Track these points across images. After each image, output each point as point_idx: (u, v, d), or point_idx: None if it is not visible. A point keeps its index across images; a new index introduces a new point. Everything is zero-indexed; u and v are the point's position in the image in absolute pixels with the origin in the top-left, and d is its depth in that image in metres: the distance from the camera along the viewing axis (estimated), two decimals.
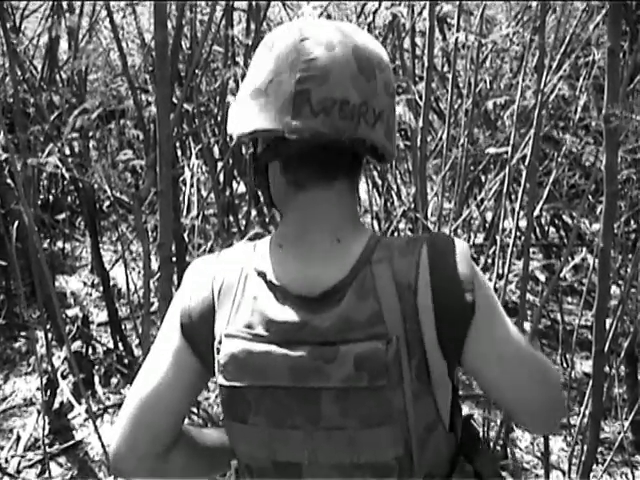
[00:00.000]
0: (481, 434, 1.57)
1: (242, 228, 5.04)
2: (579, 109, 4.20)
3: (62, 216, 6.95)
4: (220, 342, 1.31)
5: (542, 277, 5.92)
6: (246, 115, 1.31)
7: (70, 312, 5.53)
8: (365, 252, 1.31)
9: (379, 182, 5.64)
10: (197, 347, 1.36)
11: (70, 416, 4.51)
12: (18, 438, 4.33)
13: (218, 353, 1.31)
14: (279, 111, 1.26)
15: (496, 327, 1.33)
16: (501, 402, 1.40)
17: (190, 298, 1.38)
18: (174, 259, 4.02)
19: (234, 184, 5.49)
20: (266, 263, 1.34)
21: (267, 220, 5.40)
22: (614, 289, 4.46)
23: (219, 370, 1.31)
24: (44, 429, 3.92)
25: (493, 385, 1.36)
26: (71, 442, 4.26)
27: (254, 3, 4.62)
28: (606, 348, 2.87)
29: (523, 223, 3.61)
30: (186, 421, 1.47)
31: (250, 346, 1.28)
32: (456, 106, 4.61)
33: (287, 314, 1.29)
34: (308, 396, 1.27)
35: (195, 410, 4.15)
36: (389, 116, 1.32)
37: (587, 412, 3.01)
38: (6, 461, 4.12)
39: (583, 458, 3.03)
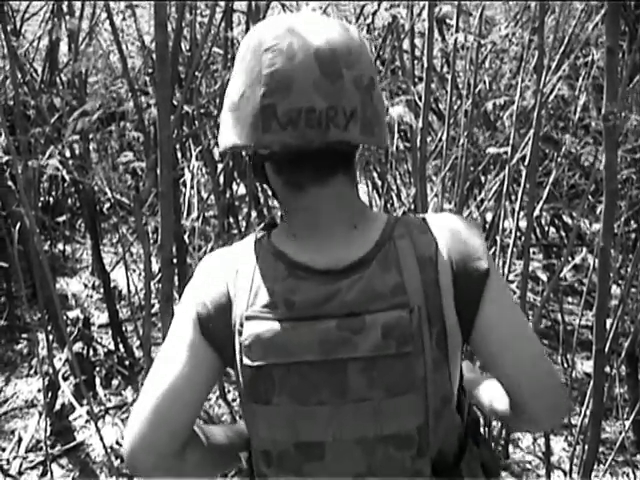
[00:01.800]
0: (481, 423, 1.60)
1: (242, 229, 5.05)
2: (578, 109, 4.21)
3: (63, 218, 6.97)
4: (241, 325, 1.32)
5: (543, 277, 5.93)
6: (225, 129, 1.35)
7: (71, 314, 5.52)
8: (387, 228, 1.37)
9: (379, 183, 5.65)
10: (214, 339, 1.37)
11: (71, 418, 4.52)
12: (20, 440, 4.34)
13: (240, 335, 1.32)
14: (250, 126, 1.29)
15: (505, 295, 1.40)
16: (505, 377, 1.40)
17: (205, 291, 1.39)
18: (175, 261, 4.03)
19: (234, 186, 5.49)
20: (284, 246, 1.37)
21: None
22: (614, 289, 4.47)
23: (243, 352, 1.32)
24: (45, 431, 3.92)
25: (499, 357, 1.38)
26: (72, 443, 4.26)
27: (253, 5, 4.62)
28: (607, 348, 2.88)
29: (523, 223, 3.61)
30: None
31: (274, 325, 1.30)
32: (455, 107, 4.61)
33: (310, 290, 1.31)
34: (335, 369, 1.29)
35: None
36: (365, 110, 1.30)
37: (588, 412, 3.02)
38: (8, 462, 4.12)
39: (584, 458, 3.03)
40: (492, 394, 1.56)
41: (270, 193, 1.47)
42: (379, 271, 1.31)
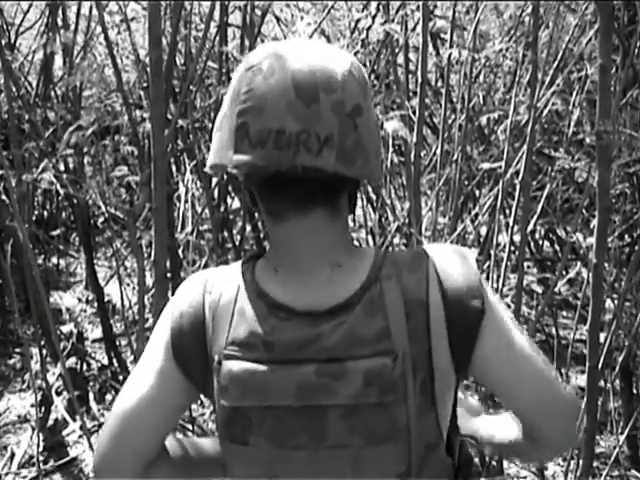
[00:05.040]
0: (475, 459, 1.58)
1: (236, 244, 5.05)
2: (572, 124, 4.22)
3: (57, 232, 6.96)
4: (219, 363, 1.30)
5: (539, 289, 5.93)
6: (211, 149, 1.33)
7: (64, 328, 5.51)
8: (374, 269, 1.32)
9: (373, 197, 5.65)
10: (187, 366, 1.35)
11: (64, 433, 4.50)
12: (12, 455, 4.32)
13: (218, 374, 1.30)
14: (225, 145, 1.27)
15: (503, 328, 1.34)
16: (516, 405, 1.38)
17: (181, 316, 1.37)
18: (168, 275, 4.02)
19: (228, 200, 5.48)
20: (266, 283, 1.34)
21: (261, 236, 5.40)
22: (608, 303, 4.47)
23: (220, 391, 1.30)
24: (38, 446, 3.90)
25: (504, 391, 1.37)
26: (65, 459, 4.25)
27: (248, 19, 4.64)
28: (601, 362, 2.87)
29: (517, 237, 3.61)
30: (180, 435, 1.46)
31: (252, 366, 1.27)
32: (450, 121, 4.61)
33: (291, 332, 1.28)
34: (314, 414, 1.27)
35: (190, 426, 4.14)
36: (344, 137, 1.24)
37: (582, 427, 3.01)
38: (0, 478, 4.10)
39: (578, 473, 3.02)
40: (498, 430, 1.54)
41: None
42: (363, 315, 1.27)
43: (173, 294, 1.45)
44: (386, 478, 1.29)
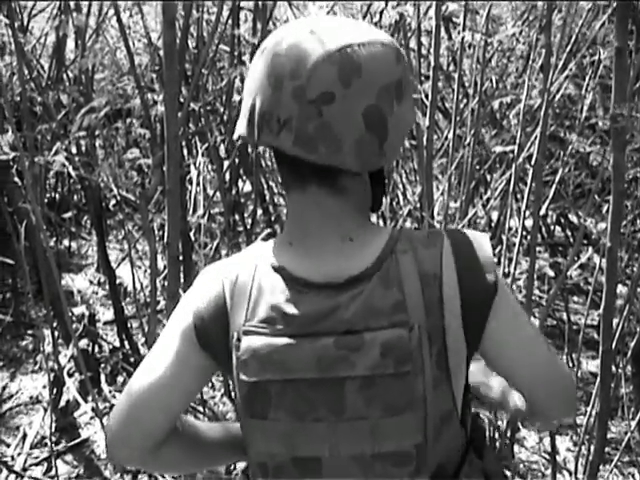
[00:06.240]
0: (487, 433, 1.60)
1: (248, 227, 5.05)
2: (585, 108, 4.20)
3: (69, 214, 6.96)
4: (239, 339, 1.31)
5: (551, 273, 5.92)
6: None
7: (76, 310, 5.54)
8: (389, 243, 1.33)
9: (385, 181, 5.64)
10: (210, 345, 1.37)
11: (76, 414, 4.52)
12: (24, 436, 4.34)
13: (237, 350, 1.31)
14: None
15: (513, 307, 1.38)
16: (519, 383, 1.43)
17: (202, 299, 1.38)
18: (180, 258, 4.03)
19: (240, 183, 5.49)
20: (281, 258, 1.35)
21: (272, 219, 5.41)
22: (620, 288, 4.47)
23: (239, 367, 1.31)
24: (50, 427, 3.92)
25: (512, 369, 1.40)
26: (77, 440, 4.27)
27: (260, 3, 4.62)
28: (613, 348, 2.87)
29: (529, 222, 3.61)
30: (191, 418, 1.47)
31: (272, 340, 1.29)
32: (462, 105, 4.60)
33: (309, 305, 1.30)
34: (332, 387, 1.28)
35: (201, 408, 4.16)
36: (304, 122, 1.23)
37: (594, 412, 3.01)
38: (12, 459, 4.13)
39: (590, 458, 3.03)
40: (507, 392, 1.58)
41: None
42: (380, 287, 1.29)
43: (185, 276, 1.47)
44: (404, 449, 1.30)
